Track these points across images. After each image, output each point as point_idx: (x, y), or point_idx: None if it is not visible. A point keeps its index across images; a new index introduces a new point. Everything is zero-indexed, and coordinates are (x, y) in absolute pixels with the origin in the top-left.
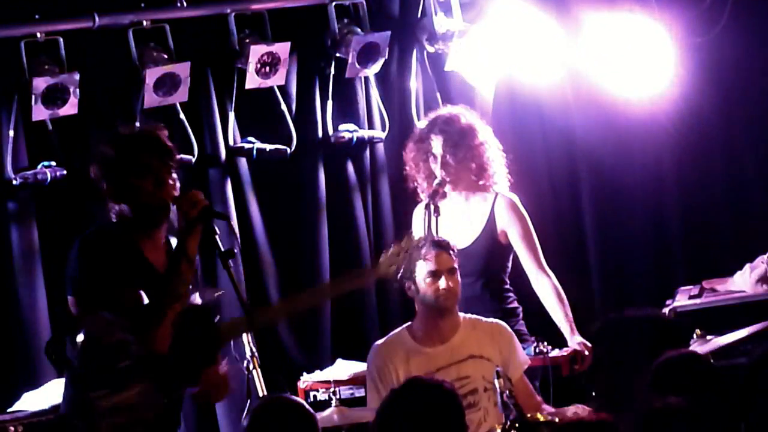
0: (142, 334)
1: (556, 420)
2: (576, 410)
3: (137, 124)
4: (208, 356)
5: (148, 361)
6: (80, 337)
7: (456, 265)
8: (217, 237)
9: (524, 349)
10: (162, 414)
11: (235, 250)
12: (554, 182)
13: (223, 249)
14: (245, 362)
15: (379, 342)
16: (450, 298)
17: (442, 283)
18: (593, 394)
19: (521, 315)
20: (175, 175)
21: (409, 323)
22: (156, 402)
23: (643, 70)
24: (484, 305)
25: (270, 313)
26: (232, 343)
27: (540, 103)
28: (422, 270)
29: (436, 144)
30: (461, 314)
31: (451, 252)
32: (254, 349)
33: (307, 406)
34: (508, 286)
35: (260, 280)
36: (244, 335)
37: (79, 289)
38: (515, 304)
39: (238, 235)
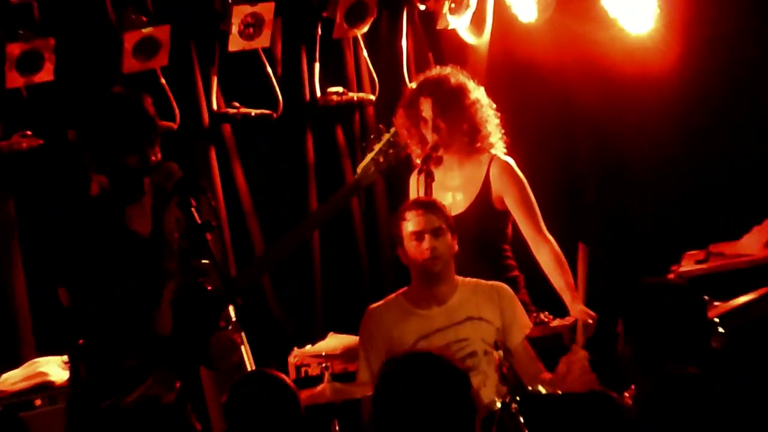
0: (141, 320)
1: (558, 392)
2: (570, 364)
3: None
4: (210, 326)
5: (155, 348)
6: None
7: (442, 226)
8: (193, 210)
9: None
10: (182, 395)
11: (213, 223)
12: (551, 144)
13: (199, 221)
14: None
15: (373, 305)
16: (437, 261)
17: (426, 244)
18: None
19: (523, 284)
20: (156, 147)
21: (405, 288)
22: (172, 386)
23: (637, 23)
24: (480, 274)
25: (253, 270)
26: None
27: (536, 60)
28: (406, 231)
29: (426, 107)
30: (460, 278)
31: (437, 211)
32: (239, 324)
33: (289, 382)
34: (507, 254)
35: (247, 250)
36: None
37: (67, 277)
38: (515, 273)
39: (218, 207)
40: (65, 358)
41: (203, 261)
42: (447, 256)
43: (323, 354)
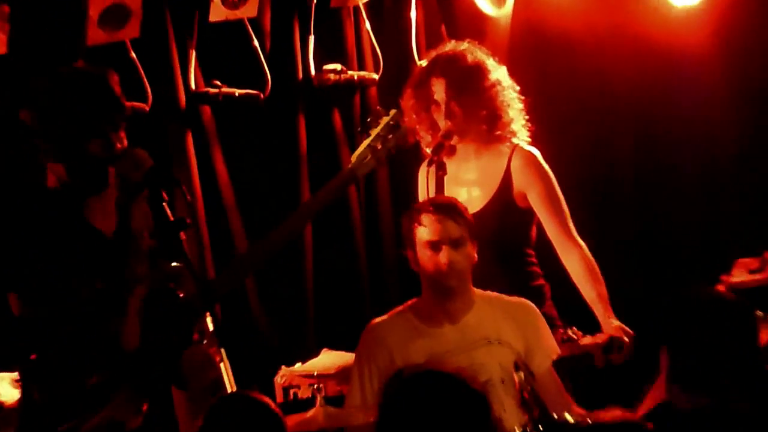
0: (105, 331)
1: (588, 421)
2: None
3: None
4: (182, 339)
5: (120, 364)
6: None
7: (464, 234)
8: (164, 205)
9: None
10: (150, 419)
11: (188, 220)
12: (585, 132)
13: (172, 218)
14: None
15: (376, 320)
16: (453, 275)
17: (443, 257)
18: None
19: (548, 295)
20: (122, 133)
21: (414, 300)
22: (139, 409)
23: None
24: (499, 283)
25: (233, 274)
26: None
27: (566, 35)
28: (421, 239)
29: (438, 88)
30: (478, 291)
31: (459, 218)
32: (217, 337)
33: (273, 406)
34: (530, 260)
35: (228, 250)
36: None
37: (17, 281)
38: (540, 282)
39: (194, 201)
40: (15, 375)
41: (175, 264)
42: (465, 269)
43: (315, 374)
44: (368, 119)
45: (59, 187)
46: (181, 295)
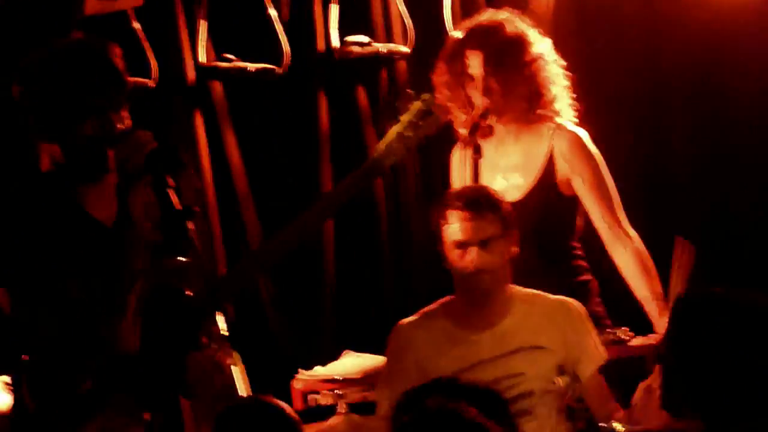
0: (101, 332)
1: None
2: (653, 393)
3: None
4: (188, 343)
5: (116, 370)
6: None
7: (496, 232)
8: (170, 191)
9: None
10: (153, 425)
11: (197, 209)
12: (635, 111)
13: (179, 207)
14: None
15: (405, 321)
16: (483, 277)
17: (471, 258)
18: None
19: (596, 291)
20: (125, 112)
21: (447, 299)
22: (138, 418)
23: None
24: (542, 279)
25: (246, 269)
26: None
27: (617, 4)
28: (448, 238)
29: (474, 62)
30: (517, 288)
31: (490, 214)
32: (230, 340)
33: (291, 413)
34: (576, 253)
35: (240, 239)
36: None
37: (6, 275)
38: (587, 277)
39: (207, 185)
40: (6, 378)
41: (181, 258)
42: (498, 268)
43: (337, 378)
44: (397, 103)
45: (53, 170)
46: (188, 293)
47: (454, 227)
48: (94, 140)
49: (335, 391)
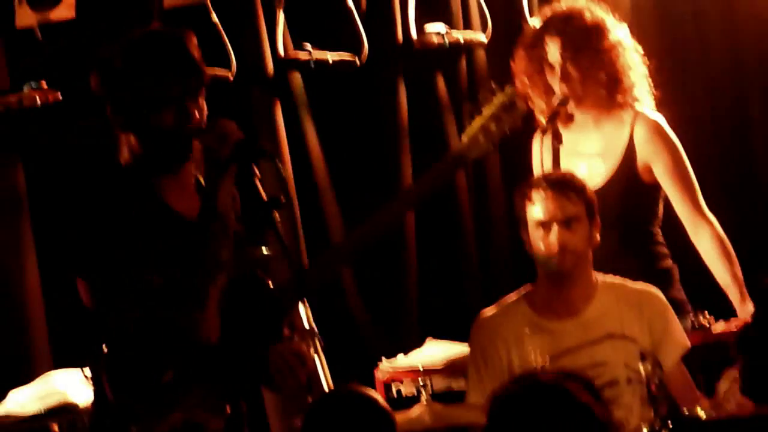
0: (181, 324)
1: (720, 416)
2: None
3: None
4: (270, 334)
5: (198, 361)
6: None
7: (580, 213)
8: (257, 181)
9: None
10: (233, 423)
11: (283, 199)
12: (715, 97)
13: (266, 198)
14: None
15: (487, 311)
16: (565, 258)
17: (554, 237)
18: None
19: (677, 277)
20: (202, 102)
21: (530, 287)
22: (220, 410)
23: None
24: (624, 266)
25: (329, 261)
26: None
27: None
28: (531, 218)
29: (553, 49)
30: (600, 275)
31: (574, 194)
32: (315, 328)
33: (383, 403)
34: (658, 239)
35: (322, 231)
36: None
37: (88, 268)
38: (669, 264)
39: (288, 176)
40: (87, 371)
41: (264, 250)
42: (582, 251)
43: (420, 368)
44: (479, 95)
45: (132, 162)
46: (271, 284)
47: (538, 206)
48: (172, 130)
49: (418, 380)
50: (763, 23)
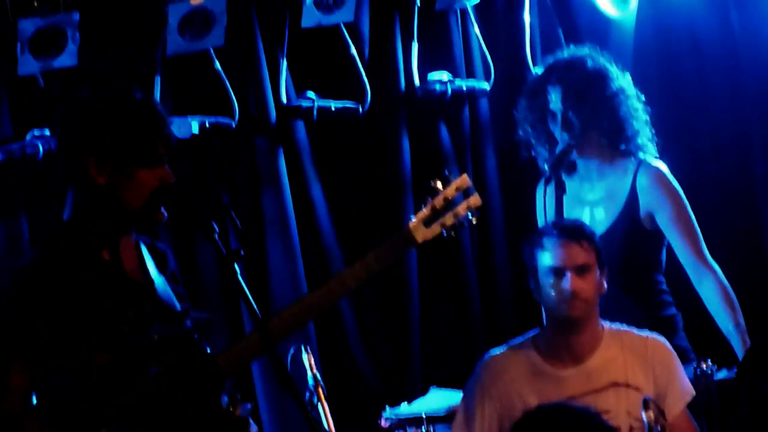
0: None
1: None
2: None
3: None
4: (209, 404)
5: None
6: None
7: (591, 261)
8: (215, 236)
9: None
10: None
11: (243, 252)
12: (717, 144)
13: (225, 251)
14: (307, 393)
15: (495, 352)
16: (577, 306)
17: (567, 284)
18: None
19: (681, 325)
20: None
21: (536, 332)
22: None
23: None
24: (626, 313)
25: (282, 320)
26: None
27: (697, 37)
28: (543, 265)
29: (555, 97)
30: (606, 324)
31: (586, 242)
32: (319, 377)
33: None
34: (662, 287)
35: (325, 278)
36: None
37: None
38: (672, 311)
39: (289, 223)
40: None
41: (200, 314)
42: (592, 298)
43: (423, 416)
44: (432, 183)
45: (79, 217)
46: (207, 349)
47: (551, 253)
48: (154, 193)
49: (422, 429)
50: (762, 64)
